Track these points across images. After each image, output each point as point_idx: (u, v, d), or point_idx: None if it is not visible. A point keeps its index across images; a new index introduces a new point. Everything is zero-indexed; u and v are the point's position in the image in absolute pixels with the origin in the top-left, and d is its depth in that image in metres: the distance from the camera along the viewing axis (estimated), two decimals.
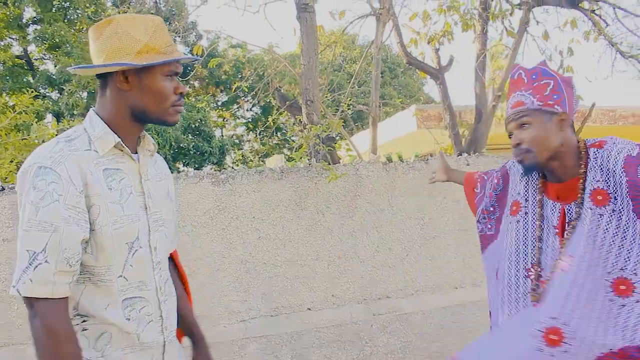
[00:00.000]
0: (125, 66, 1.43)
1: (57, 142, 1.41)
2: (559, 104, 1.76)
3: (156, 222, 1.54)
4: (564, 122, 1.76)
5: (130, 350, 1.46)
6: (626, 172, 1.65)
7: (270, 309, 3.34)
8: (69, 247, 1.33)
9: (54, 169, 1.33)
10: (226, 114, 20.69)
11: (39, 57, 16.90)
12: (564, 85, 1.80)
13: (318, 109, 4.36)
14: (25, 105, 4.21)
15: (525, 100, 1.78)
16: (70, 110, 13.37)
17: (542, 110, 1.75)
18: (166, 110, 1.50)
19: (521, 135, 1.77)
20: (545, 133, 1.74)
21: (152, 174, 1.59)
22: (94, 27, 1.49)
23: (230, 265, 3.29)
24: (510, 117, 1.82)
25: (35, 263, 1.29)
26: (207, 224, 3.29)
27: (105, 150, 1.45)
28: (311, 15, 4.64)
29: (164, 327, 1.55)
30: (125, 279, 1.45)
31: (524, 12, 5.52)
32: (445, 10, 5.79)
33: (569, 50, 5.51)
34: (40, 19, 15.47)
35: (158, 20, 1.52)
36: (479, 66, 5.54)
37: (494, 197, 2.08)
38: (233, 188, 3.35)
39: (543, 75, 1.80)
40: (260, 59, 7.67)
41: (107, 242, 1.39)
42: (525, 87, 1.80)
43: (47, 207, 1.31)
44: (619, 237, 1.64)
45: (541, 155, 1.74)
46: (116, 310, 1.43)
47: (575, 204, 1.75)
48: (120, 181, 1.46)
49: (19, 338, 2.86)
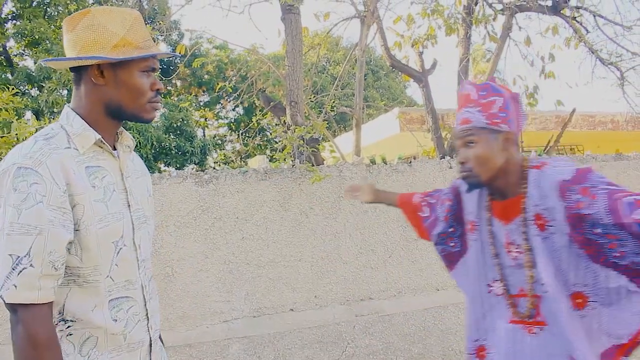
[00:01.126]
0: (101, 60, 1.38)
1: (35, 141, 1.35)
2: (505, 122, 1.75)
3: (139, 220, 1.51)
4: (509, 141, 1.77)
5: (117, 353, 1.42)
6: (562, 197, 1.65)
7: (253, 310, 3.34)
8: (55, 250, 1.28)
9: (35, 169, 1.27)
10: (209, 114, 20.59)
11: (18, 54, 16.65)
12: (512, 102, 1.79)
13: (302, 111, 4.36)
14: (5, 103, 4.15)
15: (471, 118, 1.77)
16: (50, 108, 13.20)
17: (488, 129, 1.75)
18: (142, 107, 1.46)
19: (466, 153, 1.77)
20: (489, 152, 1.74)
21: (132, 171, 1.56)
22: (68, 18, 1.44)
23: (213, 265, 3.28)
24: (457, 135, 1.83)
25: (19, 268, 1.24)
26: (190, 224, 3.27)
27: (86, 147, 1.40)
28: (296, 17, 4.65)
29: (149, 327, 1.52)
30: (112, 279, 1.41)
31: (506, 18, 5.59)
32: (430, 14, 5.84)
33: (550, 56, 5.59)
34: (20, 14, 15.25)
35: (135, 14, 1.47)
36: (462, 70, 5.60)
37: (451, 218, 2.07)
38: (217, 188, 3.34)
39: (491, 91, 1.79)
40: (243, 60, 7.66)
41: (92, 241, 1.35)
42: (473, 103, 1.79)
43: (30, 209, 1.25)
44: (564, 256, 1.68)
45: (484, 174, 1.76)
46: (103, 312, 1.39)
47: (517, 223, 1.77)
48: (102, 179, 1.42)
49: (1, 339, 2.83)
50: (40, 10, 15.35)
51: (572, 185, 1.65)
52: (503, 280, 1.84)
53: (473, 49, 6.26)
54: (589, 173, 1.66)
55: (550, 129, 12.29)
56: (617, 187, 1.62)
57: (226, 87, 5.21)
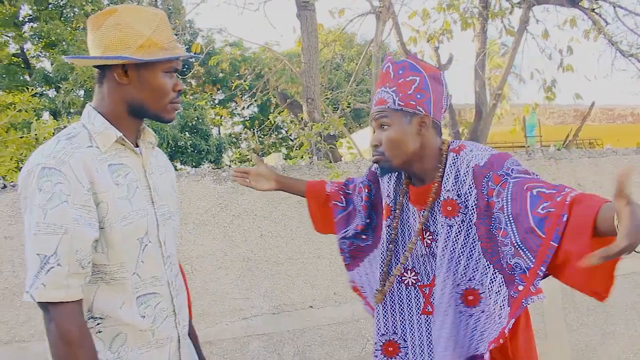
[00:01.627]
0: (126, 60, 1.38)
1: (58, 140, 1.37)
2: (421, 104, 1.64)
3: (163, 216, 1.51)
4: (424, 125, 1.65)
5: (146, 349, 1.43)
6: (475, 183, 1.56)
7: (273, 307, 3.34)
8: (81, 249, 1.29)
9: (58, 169, 1.29)
10: (224, 112, 20.66)
11: (35, 55, 16.85)
12: (432, 82, 1.67)
13: (319, 107, 4.36)
14: (24, 104, 4.20)
15: (387, 99, 1.66)
16: (67, 109, 13.34)
17: (403, 111, 1.64)
18: (164, 107, 1.47)
19: (379, 135, 1.67)
20: (402, 136, 1.64)
21: (155, 167, 1.56)
22: (94, 17, 1.44)
23: (232, 263, 3.28)
24: (372, 115, 1.73)
25: (47, 267, 1.26)
26: (209, 221, 3.28)
27: (107, 145, 1.41)
28: (311, 13, 4.64)
29: (177, 322, 1.53)
30: (139, 276, 1.42)
31: (523, 11, 5.53)
32: (445, 9, 5.79)
33: (569, 49, 5.52)
34: (36, 16, 15.42)
35: (161, 14, 1.47)
36: (478, 64, 5.55)
37: (369, 207, 1.96)
38: (235, 186, 3.34)
39: (410, 70, 1.67)
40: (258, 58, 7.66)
41: (117, 239, 1.36)
42: (390, 82, 1.68)
43: (55, 208, 1.27)
44: (467, 248, 1.58)
45: (396, 159, 1.66)
46: (131, 308, 1.40)
47: (429, 209, 1.68)
48: (125, 176, 1.42)
49: (22, 335, 2.85)
50: (56, 12, 15.50)
51: (485, 171, 1.55)
52: (414, 270, 1.75)
53: (488, 43, 6.20)
54: (505, 159, 1.55)
55: (568, 123, 12.16)
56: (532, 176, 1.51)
57: (242, 85, 5.22)
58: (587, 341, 3.89)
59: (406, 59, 1.72)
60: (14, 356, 2.82)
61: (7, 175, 3.81)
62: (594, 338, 3.90)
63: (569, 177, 3.93)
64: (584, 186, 3.95)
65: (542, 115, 12.42)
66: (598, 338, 3.91)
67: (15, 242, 2.87)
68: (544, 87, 5.69)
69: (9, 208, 2.91)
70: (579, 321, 3.86)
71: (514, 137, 7.73)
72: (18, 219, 2.90)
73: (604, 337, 3.93)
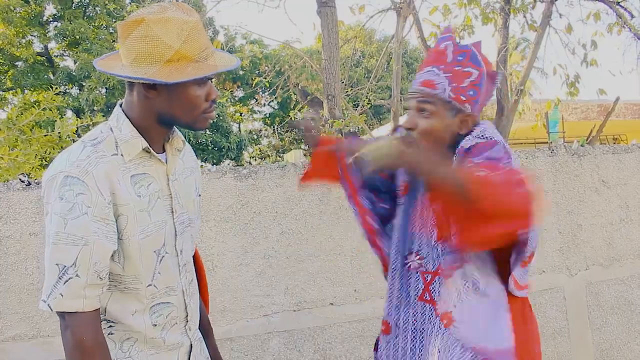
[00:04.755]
0: (150, 81, 1.29)
1: (84, 146, 1.34)
2: (470, 102, 1.54)
3: (182, 224, 1.49)
4: (466, 124, 1.56)
5: (155, 351, 1.45)
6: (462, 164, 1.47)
7: (293, 304, 3.35)
8: (99, 261, 1.29)
9: (81, 179, 1.27)
10: (244, 109, 20.75)
11: (59, 54, 17.09)
12: (487, 80, 1.57)
13: (339, 104, 4.35)
14: (49, 102, 4.26)
15: (437, 84, 1.53)
16: (90, 106, 13.51)
17: (451, 104, 1.53)
18: (196, 118, 1.39)
19: (417, 120, 1.56)
20: (442, 131, 1.54)
21: (180, 172, 1.52)
22: (122, 25, 1.34)
23: (253, 260, 3.30)
24: (414, 94, 1.59)
25: (66, 277, 1.26)
26: (229, 218, 3.30)
27: (132, 155, 1.37)
28: (332, 10, 4.64)
29: (187, 328, 1.53)
30: (155, 287, 1.42)
31: (546, 5, 5.45)
32: (466, 4, 5.74)
33: (593, 43, 5.43)
34: (61, 16, 15.64)
35: (193, 21, 1.34)
36: (500, 60, 5.49)
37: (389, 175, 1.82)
38: (255, 183, 3.35)
39: (471, 60, 1.55)
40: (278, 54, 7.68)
41: (134, 251, 1.35)
42: (445, 66, 1.55)
43: (76, 219, 1.26)
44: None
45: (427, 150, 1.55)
46: (143, 317, 1.41)
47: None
48: (148, 186, 1.40)
49: (47, 330, 2.90)
50: (79, 11, 15.70)
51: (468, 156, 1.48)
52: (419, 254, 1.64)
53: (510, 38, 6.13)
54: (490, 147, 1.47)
55: (592, 119, 11.99)
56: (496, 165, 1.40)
57: (263, 82, 5.24)
58: (612, 340, 3.83)
59: (470, 45, 1.60)
60: (39, 351, 2.87)
61: (32, 172, 3.88)
62: (619, 337, 3.84)
63: (592, 174, 3.88)
64: (608, 182, 3.89)
65: (565, 111, 12.26)
66: (623, 337, 3.85)
67: (40, 238, 2.91)
68: (567, 82, 5.61)
69: (34, 205, 2.96)
70: (603, 320, 3.81)
71: (536, 133, 7.64)
72: (42, 216, 2.94)
73: (629, 336, 3.87)
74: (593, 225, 3.82)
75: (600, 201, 3.87)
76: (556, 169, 3.82)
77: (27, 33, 15.48)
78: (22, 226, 2.93)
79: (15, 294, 2.90)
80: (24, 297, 2.90)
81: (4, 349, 2.87)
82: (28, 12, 15.13)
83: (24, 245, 2.92)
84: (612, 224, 3.85)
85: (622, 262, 3.84)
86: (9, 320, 2.89)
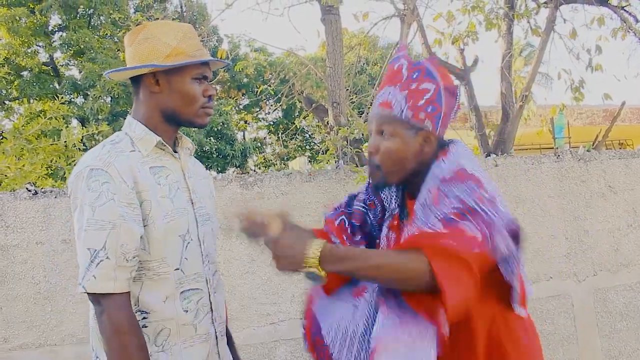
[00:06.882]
0: (154, 67, 1.50)
1: (104, 145, 1.50)
2: (430, 118, 1.49)
3: (202, 217, 1.61)
4: (428, 141, 1.50)
5: (190, 343, 1.52)
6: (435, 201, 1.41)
7: (300, 312, 3.34)
8: (126, 243, 1.39)
9: (105, 170, 1.41)
10: (248, 117, 20.79)
11: (64, 64, 17.16)
12: (445, 94, 1.52)
13: (344, 111, 4.35)
14: (54, 111, 4.27)
15: (394, 104, 1.49)
16: (95, 115, 13.53)
17: (409, 124, 1.48)
18: (195, 112, 1.56)
19: (377, 143, 1.52)
20: (404, 151, 1.49)
21: (194, 172, 1.67)
22: (129, 33, 1.58)
23: (259, 268, 3.29)
24: (372, 116, 1.55)
25: (97, 260, 1.36)
26: (235, 227, 3.30)
27: (148, 149, 1.53)
28: (336, 17, 4.64)
29: (213, 319, 1.61)
30: (182, 272, 1.51)
31: (550, 10, 5.45)
32: (470, 10, 5.73)
33: (597, 48, 5.41)
34: (66, 26, 15.70)
35: (188, 26, 1.60)
36: (505, 66, 5.48)
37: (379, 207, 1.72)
38: (261, 191, 3.35)
39: (425, 76, 1.50)
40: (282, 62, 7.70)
41: (159, 235, 1.46)
42: (401, 85, 1.51)
43: (103, 206, 1.38)
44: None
45: (392, 175, 1.52)
46: (174, 303, 1.49)
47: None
48: (167, 177, 1.54)
49: (53, 339, 2.90)
50: (84, 21, 15.78)
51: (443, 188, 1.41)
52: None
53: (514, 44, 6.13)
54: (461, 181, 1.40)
55: (597, 124, 11.96)
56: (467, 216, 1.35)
57: (268, 90, 5.24)
58: (621, 347, 3.80)
59: (423, 61, 1.56)
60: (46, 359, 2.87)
61: (38, 181, 3.89)
62: (628, 344, 3.81)
63: (599, 179, 3.86)
64: (615, 188, 3.87)
65: (571, 116, 12.23)
66: (632, 344, 3.82)
67: (47, 247, 2.92)
68: (571, 87, 5.59)
69: (40, 214, 2.96)
70: (611, 326, 3.78)
71: (542, 139, 7.62)
72: (49, 224, 2.95)
73: (638, 343, 3.84)
74: (600, 231, 3.80)
75: (607, 206, 3.85)
76: (562, 174, 3.80)
77: (32, 43, 15.56)
78: (29, 235, 2.93)
79: (22, 303, 2.90)
80: (30, 306, 2.90)
81: (11, 357, 2.87)
82: (33, 22, 15.21)
83: (30, 254, 2.92)
84: (620, 230, 3.83)
85: (630, 267, 3.82)
86: (16, 329, 2.89)
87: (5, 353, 2.86)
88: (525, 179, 3.70)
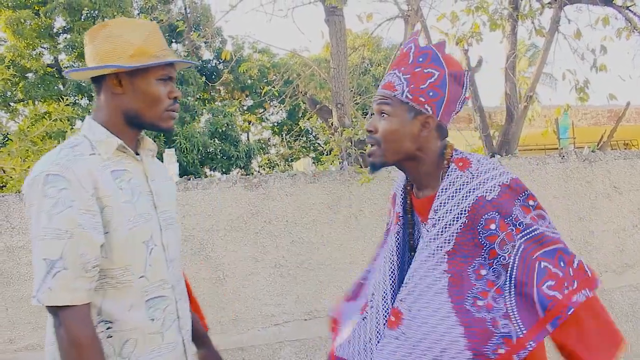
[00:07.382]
0: (117, 68, 1.42)
1: (61, 149, 1.41)
2: (431, 103, 1.48)
3: (166, 221, 1.54)
4: (427, 126, 1.48)
5: (157, 352, 1.45)
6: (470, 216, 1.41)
7: (304, 313, 3.34)
8: (86, 252, 1.31)
9: (62, 175, 1.32)
10: (252, 118, 20.81)
11: (69, 65, 17.22)
12: (450, 81, 1.50)
13: (349, 112, 4.35)
14: (59, 113, 4.29)
15: (396, 85, 1.49)
16: None
17: (409, 105, 1.48)
18: (160, 115, 1.48)
19: (376, 123, 1.52)
20: (400, 133, 1.48)
21: (157, 175, 1.59)
22: (90, 31, 1.49)
23: (263, 269, 3.30)
24: (376, 98, 1.56)
25: (54, 271, 1.28)
26: (240, 228, 3.30)
27: (109, 153, 1.44)
28: (340, 18, 4.64)
29: (180, 327, 1.54)
30: (147, 279, 1.44)
31: (555, 11, 5.43)
32: (474, 11, 5.72)
33: (602, 49, 5.39)
34: (70, 28, 15.77)
35: (153, 25, 1.52)
36: (509, 66, 5.47)
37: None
38: (266, 192, 3.36)
39: (432, 61, 1.50)
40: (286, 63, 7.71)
41: (122, 242, 1.38)
42: (406, 68, 1.51)
43: (61, 214, 1.29)
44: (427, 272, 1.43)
45: (389, 154, 1.50)
46: (139, 312, 1.42)
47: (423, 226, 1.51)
48: (129, 181, 1.46)
49: None
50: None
51: (491, 209, 1.40)
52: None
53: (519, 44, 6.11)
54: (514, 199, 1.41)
55: (602, 124, 11.91)
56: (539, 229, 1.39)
57: (272, 91, 5.25)
58: (626, 348, 3.78)
59: (431, 46, 1.55)
60: None
61: None
62: (634, 345, 3.80)
63: (603, 180, 3.85)
64: (620, 188, 3.86)
65: (575, 117, 12.20)
66: (638, 345, 3.81)
67: None
68: (576, 87, 5.57)
69: None
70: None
71: (546, 140, 7.59)
72: None
73: None
74: (605, 232, 3.79)
75: (612, 207, 3.84)
76: (567, 175, 3.79)
77: (37, 45, 15.64)
78: None
79: (27, 304, 2.91)
80: (36, 308, 2.91)
81: (17, 358, 2.88)
82: (38, 24, 15.28)
83: None
84: (625, 230, 3.82)
85: (636, 268, 3.81)
86: (21, 330, 2.90)
87: (11, 354, 2.87)
88: (530, 179, 3.69)
